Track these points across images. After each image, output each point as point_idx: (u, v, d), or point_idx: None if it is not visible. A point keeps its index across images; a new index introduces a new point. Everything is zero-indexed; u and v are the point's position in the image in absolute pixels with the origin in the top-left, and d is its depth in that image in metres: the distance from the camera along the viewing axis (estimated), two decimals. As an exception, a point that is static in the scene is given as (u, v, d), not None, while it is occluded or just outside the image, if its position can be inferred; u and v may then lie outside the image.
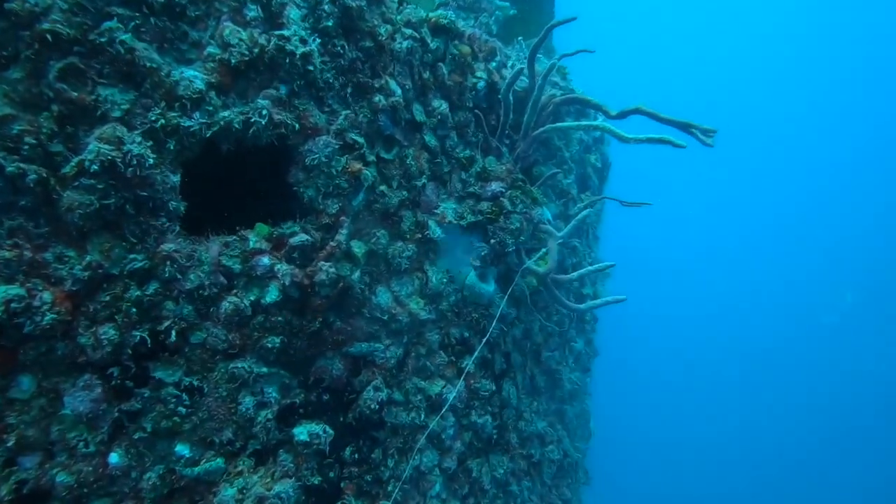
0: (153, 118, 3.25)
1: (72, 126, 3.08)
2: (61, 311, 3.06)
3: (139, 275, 3.32)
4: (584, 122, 5.25)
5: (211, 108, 3.45)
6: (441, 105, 4.86)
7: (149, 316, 3.36)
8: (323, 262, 3.95)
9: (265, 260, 3.74)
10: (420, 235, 4.72)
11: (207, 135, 3.43)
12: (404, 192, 4.67)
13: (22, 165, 2.93)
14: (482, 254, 5.23)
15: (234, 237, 3.68)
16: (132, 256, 3.28)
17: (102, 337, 3.17)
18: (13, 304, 2.89)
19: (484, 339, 5.39)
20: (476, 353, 5.36)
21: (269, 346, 3.81)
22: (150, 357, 3.42)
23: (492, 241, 5.20)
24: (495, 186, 5.17)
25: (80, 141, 3.10)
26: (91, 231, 3.18)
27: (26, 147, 2.96)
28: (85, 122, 3.12)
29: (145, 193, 3.26)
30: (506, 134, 5.40)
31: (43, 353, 3.11)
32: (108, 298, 3.20)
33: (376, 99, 4.28)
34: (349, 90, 4.17)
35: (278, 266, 3.78)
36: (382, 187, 4.49)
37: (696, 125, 4.95)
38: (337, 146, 3.99)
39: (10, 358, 3.02)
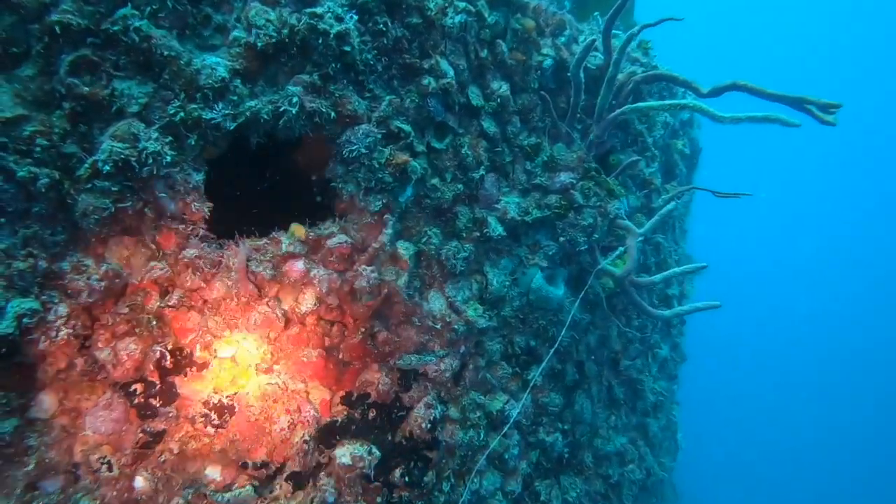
0: (172, 111, 2.96)
1: (86, 124, 2.85)
2: (77, 325, 2.84)
3: (161, 284, 3.06)
4: (669, 102, 4.52)
5: (236, 98, 3.12)
6: (501, 87, 4.32)
7: (172, 328, 3.10)
8: (364, 267, 3.55)
9: (300, 265, 3.40)
10: (478, 234, 4.21)
11: (231, 127, 3.10)
12: (459, 186, 4.18)
13: (33, 169, 2.72)
14: (550, 253, 4.66)
15: (266, 240, 3.35)
16: (153, 264, 3.02)
17: (122, 352, 2.94)
18: (25, 319, 2.70)
19: (553, 348, 4.83)
20: (544, 364, 4.82)
21: (306, 359, 3.47)
22: (175, 372, 3.16)
23: (561, 238, 4.61)
24: (565, 177, 4.57)
25: (96, 140, 2.87)
26: (109, 237, 2.94)
27: (38, 149, 2.74)
28: (100, 119, 2.88)
29: (164, 195, 2.98)
30: (577, 118, 4.77)
31: (62, 369, 2.92)
32: (127, 310, 2.96)
33: (425, 81, 3.81)
34: (394, 72, 3.72)
35: (314, 271, 3.42)
36: (434, 181, 4.02)
37: (813, 99, 4.09)
38: (379, 136, 3.57)
39: (28, 375, 2.84)
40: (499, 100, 4.27)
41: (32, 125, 2.73)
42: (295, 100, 3.21)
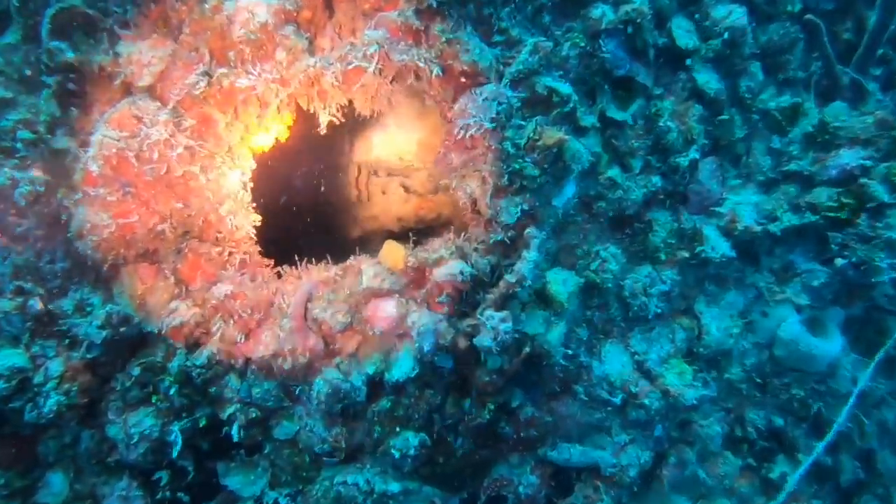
0: (193, 81, 1.91)
1: (79, 107, 1.94)
2: (73, 390, 1.96)
3: (187, 334, 2.05)
4: None
5: (285, 55, 1.96)
6: (731, 13, 2.60)
7: (205, 397, 2.07)
8: (492, 312, 2.15)
9: (390, 308, 2.15)
10: (687, 254, 2.58)
11: (280, 98, 1.96)
12: (655, 179, 2.59)
13: (14, 174, 1.88)
14: (815, 284, 2.77)
15: (337, 270, 2.16)
16: (175, 306, 2.02)
17: (133, 430, 1.98)
18: (2, 384, 1.86)
19: (830, 435, 2.94)
20: (811, 458, 2.97)
21: (401, 448, 2.20)
22: (216, 456, 2.14)
23: (838, 260, 2.69)
24: (849, 157, 2.65)
25: (96, 128, 1.94)
26: (121, 266, 2.01)
27: (20, 145, 1.90)
28: (101, 98, 1.95)
29: (181, 205, 1.95)
30: (876, 55, 2.71)
31: (68, 444, 2.07)
32: (138, 372, 2.00)
33: (596, 13, 2.29)
34: (542, 1, 2.25)
35: (413, 318, 2.14)
36: (612, 171, 2.49)
37: None
38: (517, 102, 2.15)
39: (25, 450, 2.04)
40: (726, 35, 2.52)
41: (17, 112, 1.90)
42: (373, 49, 1.93)
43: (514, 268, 2.26)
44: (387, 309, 2.18)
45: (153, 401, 2.04)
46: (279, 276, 2.20)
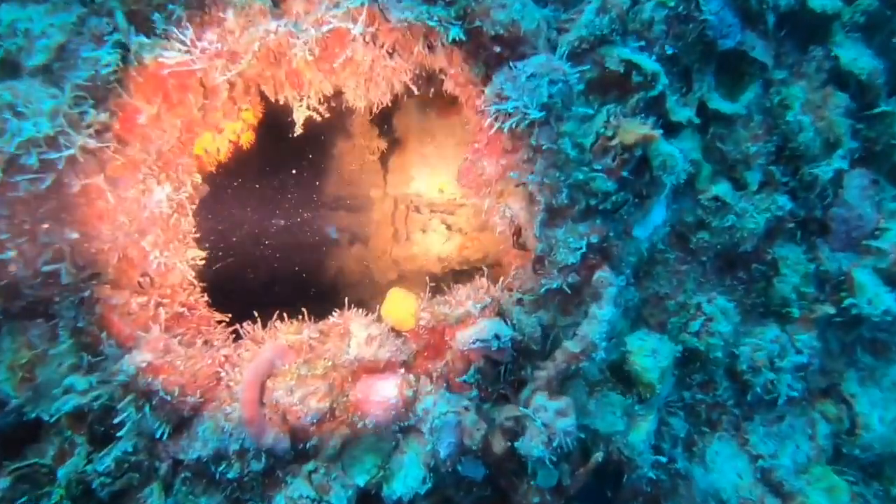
0: (100, 56, 1.29)
1: None
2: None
3: (90, 422, 1.38)
4: None
5: (235, 16, 1.33)
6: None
7: (112, 520, 1.38)
8: (544, 399, 1.39)
9: (390, 388, 1.42)
10: (832, 309, 1.72)
11: (227, 77, 1.31)
12: (782, 200, 1.77)
13: None
14: None
15: (312, 330, 1.45)
16: (71, 381, 1.36)
17: (2, 569, 1.30)
18: None
19: None
20: None
21: None
22: None
23: None
24: None
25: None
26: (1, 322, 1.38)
27: None
28: (-24, 85, 1.36)
29: (78, 235, 1.30)
30: None
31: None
32: (7, 483, 1.33)
33: (695, -42, 1.54)
34: (616, -59, 1.54)
35: (427, 403, 1.41)
36: (718, 188, 1.76)
37: None
38: (578, 83, 1.41)
39: None
40: (887, -10, 1.73)
41: None
42: (359, 2, 1.26)
43: (578, 331, 1.48)
44: (385, 390, 1.44)
45: (34, 525, 1.36)
46: (238, 337, 1.51)
